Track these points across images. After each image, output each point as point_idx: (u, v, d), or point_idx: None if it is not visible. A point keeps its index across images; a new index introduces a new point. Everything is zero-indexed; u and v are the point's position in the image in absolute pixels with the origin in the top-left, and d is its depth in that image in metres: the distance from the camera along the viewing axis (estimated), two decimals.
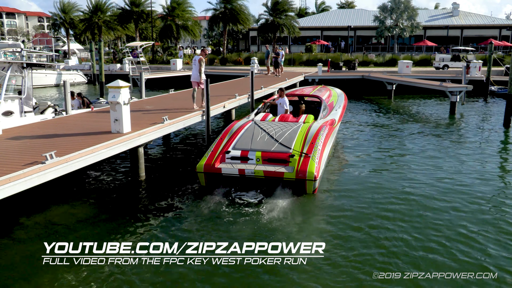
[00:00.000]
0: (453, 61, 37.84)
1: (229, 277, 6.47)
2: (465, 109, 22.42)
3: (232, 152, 9.97)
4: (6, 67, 12.92)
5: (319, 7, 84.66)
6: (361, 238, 7.67)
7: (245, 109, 20.23)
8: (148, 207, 9.10)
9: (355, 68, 35.81)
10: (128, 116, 9.89)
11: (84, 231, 7.93)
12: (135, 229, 8.01)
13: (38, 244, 7.25)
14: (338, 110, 13.79)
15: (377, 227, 8.07)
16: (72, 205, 9.14)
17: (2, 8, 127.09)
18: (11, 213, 8.57)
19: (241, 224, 8.09)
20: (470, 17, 60.16)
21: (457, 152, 13.45)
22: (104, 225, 8.22)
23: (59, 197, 9.47)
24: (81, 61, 50.23)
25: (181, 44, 61.33)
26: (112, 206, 9.16)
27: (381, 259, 6.94)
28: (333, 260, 6.89)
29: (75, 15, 63.89)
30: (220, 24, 50.57)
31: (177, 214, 8.67)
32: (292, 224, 8.11)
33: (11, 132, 10.16)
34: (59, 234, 7.77)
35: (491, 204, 9.22)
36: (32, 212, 8.65)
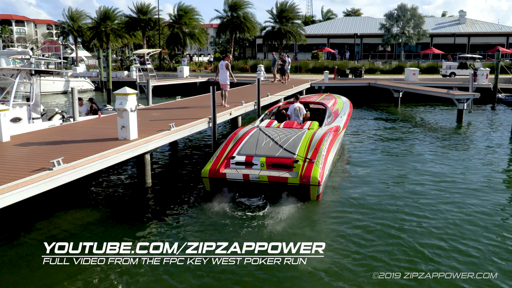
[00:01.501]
0: (460, 69, 37.70)
1: (229, 277, 6.51)
2: (473, 117, 22.29)
3: (237, 157, 10.04)
4: (15, 74, 13.05)
5: (325, 15, 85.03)
6: (361, 238, 7.74)
7: (251, 116, 20.26)
8: (152, 211, 9.18)
9: (361, 76, 35.79)
10: (135, 123, 9.94)
11: (87, 233, 7.99)
12: (136, 231, 8.06)
13: (39, 245, 7.31)
14: (343, 117, 13.85)
15: (377, 228, 8.13)
16: (77, 211, 9.18)
17: (12, 16, 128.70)
18: (18, 218, 8.61)
19: (243, 226, 8.14)
20: (477, 24, 60.03)
21: (464, 160, 13.34)
22: (107, 228, 8.29)
23: (65, 203, 9.50)
24: (89, 68, 50.66)
25: (188, 51, 61.70)
26: (117, 211, 9.18)
27: (381, 259, 6.99)
28: (333, 260, 6.93)
29: (83, 23, 64.53)
30: (227, 32, 50.87)
31: (179, 217, 8.73)
32: (294, 226, 8.17)
33: (19, 138, 10.24)
34: (61, 236, 7.81)
35: (495, 210, 9.21)
36: (37, 217, 8.68)
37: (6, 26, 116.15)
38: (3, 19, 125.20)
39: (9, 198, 6.45)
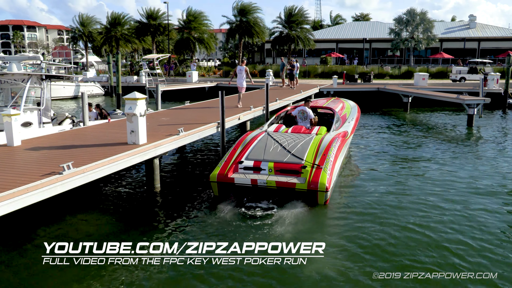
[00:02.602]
0: (470, 74, 37.43)
1: (229, 277, 6.53)
2: (483, 122, 22.10)
3: (245, 162, 10.05)
4: (26, 78, 13.19)
5: (334, 20, 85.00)
6: (361, 239, 7.77)
7: (260, 121, 20.26)
8: (158, 214, 9.24)
9: (370, 81, 35.68)
10: (144, 127, 9.99)
11: (91, 235, 8.05)
12: (139, 232, 8.12)
13: (42, 246, 7.36)
14: (351, 122, 13.80)
15: (378, 229, 8.19)
16: (85, 214, 9.24)
17: (24, 22, 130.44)
18: (26, 222, 8.67)
19: (245, 228, 8.23)
20: (487, 29, 59.60)
21: (474, 165, 13.21)
22: (111, 230, 8.34)
23: (74, 207, 9.56)
24: (99, 73, 51.12)
25: (196, 56, 61.97)
26: (125, 215, 9.22)
27: (381, 259, 7.02)
28: (333, 260, 6.96)
29: (93, 28, 65.14)
30: (236, 37, 51.01)
31: (184, 220, 8.80)
32: (295, 227, 8.25)
33: (29, 143, 10.34)
34: (64, 238, 7.84)
35: (497, 211, 9.26)
36: (45, 220, 8.75)
37: (18, 32, 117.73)
38: (15, 25, 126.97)
39: (20, 202, 6.51)
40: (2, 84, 13.50)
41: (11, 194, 6.36)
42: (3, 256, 7.24)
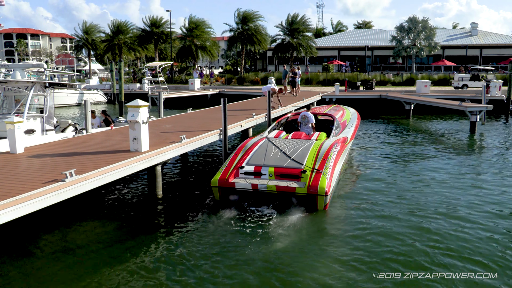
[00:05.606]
0: (473, 81, 37.43)
1: (231, 277, 6.58)
2: (485, 129, 22.06)
3: (246, 167, 10.17)
4: (29, 86, 13.27)
5: (336, 27, 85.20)
6: (361, 239, 7.83)
7: (262, 128, 20.28)
8: (160, 219, 9.32)
9: (372, 88, 35.71)
10: (147, 135, 10.02)
11: (94, 243, 8.00)
12: (141, 239, 8.08)
13: (43, 254, 7.39)
14: (350, 129, 13.98)
15: (378, 230, 8.28)
16: (88, 221, 9.25)
17: (28, 30, 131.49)
18: (30, 229, 8.68)
19: (247, 232, 8.29)
20: (489, 36, 59.68)
21: (476, 172, 13.17)
22: (112, 237, 8.30)
23: (76, 214, 9.56)
24: (102, 80, 51.31)
25: (199, 64, 62.20)
26: (127, 221, 9.19)
27: (381, 259, 7.06)
28: (333, 260, 7.01)
29: (97, 36, 65.50)
30: (238, 44, 51.17)
31: (185, 224, 8.87)
32: (297, 230, 8.33)
33: (32, 150, 10.38)
34: (67, 245, 7.85)
35: (498, 213, 9.34)
36: (47, 228, 8.75)
37: (22, 40, 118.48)
38: (19, 33, 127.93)
39: (22, 209, 6.52)
40: (6, 92, 13.57)
41: (14, 202, 6.38)
42: (6, 263, 7.24)
